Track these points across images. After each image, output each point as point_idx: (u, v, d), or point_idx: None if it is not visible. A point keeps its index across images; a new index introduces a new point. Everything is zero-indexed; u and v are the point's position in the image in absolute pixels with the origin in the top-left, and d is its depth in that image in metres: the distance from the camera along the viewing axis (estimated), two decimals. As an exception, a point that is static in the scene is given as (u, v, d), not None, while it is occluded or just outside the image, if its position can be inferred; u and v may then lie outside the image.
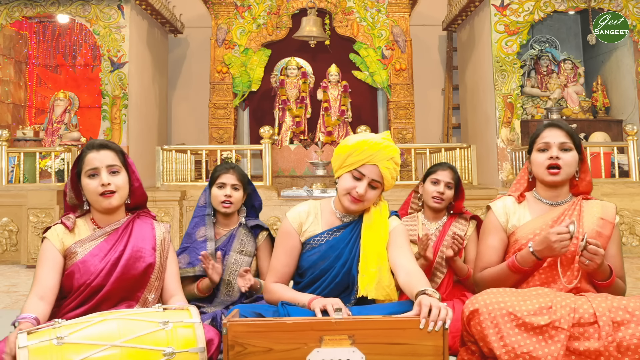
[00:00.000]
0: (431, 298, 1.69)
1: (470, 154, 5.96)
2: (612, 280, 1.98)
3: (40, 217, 5.23)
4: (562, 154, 2.07)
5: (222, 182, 2.58)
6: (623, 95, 7.25)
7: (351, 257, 2.07)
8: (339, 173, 2.08)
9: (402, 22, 7.81)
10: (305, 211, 2.15)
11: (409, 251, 2.05)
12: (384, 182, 2.05)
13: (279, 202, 5.68)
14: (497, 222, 2.15)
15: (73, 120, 7.51)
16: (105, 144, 2.05)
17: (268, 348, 1.66)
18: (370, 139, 2.05)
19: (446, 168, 2.74)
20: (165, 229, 2.15)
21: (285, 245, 2.13)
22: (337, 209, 2.15)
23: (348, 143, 2.07)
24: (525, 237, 2.08)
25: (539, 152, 2.11)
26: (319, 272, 2.09)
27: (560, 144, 2.08)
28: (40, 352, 1.53)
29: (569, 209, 2.10)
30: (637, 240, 5.51)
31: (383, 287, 1.99)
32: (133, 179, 2.09)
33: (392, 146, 2.05)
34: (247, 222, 2.63)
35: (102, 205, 2.00)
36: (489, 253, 2.13)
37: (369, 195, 2.04)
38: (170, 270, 2.11)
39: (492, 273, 2.07)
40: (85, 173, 2.01)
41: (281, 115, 7.72)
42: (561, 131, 2.10)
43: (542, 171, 2.08)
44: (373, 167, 2.02)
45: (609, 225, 2.08)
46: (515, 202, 2.17)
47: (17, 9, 6.86)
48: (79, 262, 1.97)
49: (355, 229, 2.11)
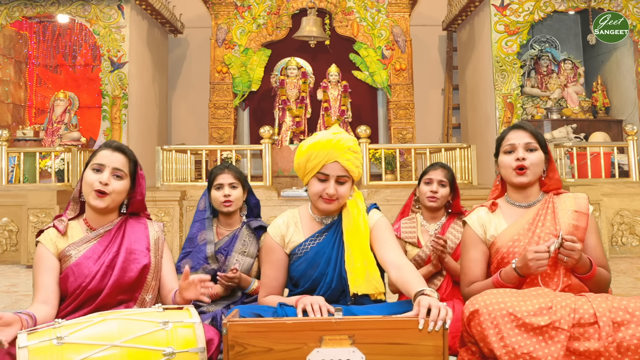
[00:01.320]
0: (430, 298, 1.69)
1: (470, 154, 5.96)
2: (593, 272, 1.99)
3: (40, 217, 5.23)
4: (528, 154, 2.09)
5: (220, 183, 2.59)
6: (623, 95, 7.25)
7: (339, 258, 2.06)
8: (306, 180, 2.07)
9: (402, 22, 7.81)
10: (285, 222, 2.15)
11: (395, 245, 2.05)
12: (351, 174, 2.04)
13: (279, 202, 5.69)
14: (474, 235, 2.16)
15: (73, 120, 7.51)
16: (122, 148, 2.05)
17: (268, 348, 1.66)
18: (320, 138, 2.03)
19: (438, 167, 2.74)
20: (159, 228, 2.14)
21: (270, 261, 2.14)
22: (315, 214, 2.14)
23: (302, 149, 2.06)
24: (505, 245, 2.08)
25: (505, 155, 2.13)
26: (311, 282, 2.08)
27: (525, 145, 2.09)
28: (40, 352, 1.53)
29: (542, 208, 2.11)
30: (637, 240, 5.51)
31: (371, 281, 1.99)
32: (137, 191, 2.09)
33: (344, 138, 2.03)
34: (250, 222, 2.63)
35: (90, 201, 1.99)
36: (473, 266, 2.14)
37: (340, 192, 2.03)
38: (166, 267, 2.10)
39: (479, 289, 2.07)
40: (90, 165, 2.01)
41: (281, 115, 7.72)
42: (525, 132, 2.12)
43: (510, 172, 2.10)
44: (334, 164, 2.00)
45: (584, 216, 2.08)
46: (488, 211, 2.18)
47: (17, 9, 6.86)
48: (72, 265, 1.96)
49: (338, 230, 2.10)
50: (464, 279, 2.17)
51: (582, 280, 2.01)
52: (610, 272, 2.10)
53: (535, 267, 1.89)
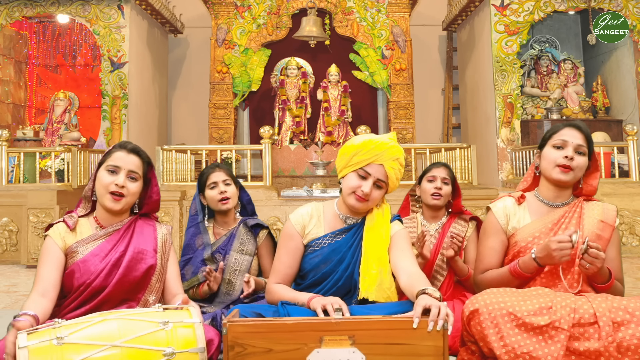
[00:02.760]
0: (431, 298, 1.69)
1: (470, 154, 5.96)
2: (611, 283, 1.98)
3: (40, 217, 5.23)
4: (576, 156, 2.04)
5: (213, 181, 2.60)
6: (623, 95, 7.25)
7: (353, 261, 2.07)
8: (344, 172, 2.08)
9: (402, 22, 7.81)
10: (308, 213, 2.16)
11: (410, 254, 2.06)
12: (389, 182, 2.07)
13: (279, 202, 5.68)
14: (497, 224, 2.14)
15: (73, 120, 7.51)
16: (137, 150, 2.07)
17: (268, 348, 1.66)
18: (377, 138, 2.07)
19: (440, 166, 2.75)
20: (167, 231, 2.16)
21: (287, 247, 2.14)
22: (341, 211, 2.15)
23: (354, 142, 2.08)
24: (524, 240, 2.07)
25: (553, 149, 2.07)
26: (320, 275, 2.09)
27: (577, 146, 2.05)
28: (40, 352, 1.53)
29: (569, 211, 2.09)
30: (637, 240, 5.51)
31: (384, 290, 1.99)
32: (154, 191, 2.12)
33: (397, 147, 2.07)
34: (246, 221, 2.63)
35: (106, 203, 2.01)
36: (490, 255, 2.13)
37: (374, 194, 2.05)
38: (171, 271, 2.11)
39: (493, 276, 2.06)
40: (105, 166, 2.02)
41: (281, 115, 7.72)
42: (581, 133, 2.07)
43: (553, 167, 2.05)
44: (379, 166, 2.03)
45: (609, 228, 2.07)
46: (515, 203, 2.15)
47: (17, 9, 6.86)
48: (79, 262, 1.98)
49: (358, 233, 2.11)
50: (479, 266, 2.16)
51: (599, 290, 1.99)
52: (624, 287, 2.09)
53: (559, 256, 1.87)
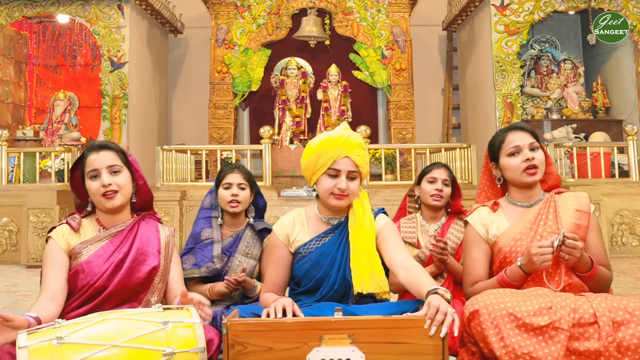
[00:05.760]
0: (442, 300, 1.68)
1: (470, 154, 5.97)
2: (594, 271, 1.99)
3: (40, 217, 5.23)
4: (534, 154, 2.09)
5: (228, 182, 2.56)
6: (623, 95, 7.25)
7: (344, 260, 2.07)
8: (315, 178, 2.08)
9: (402, 22, 7.81)
10: (290, 222, 2.16)
11: (402, 247, 2.06)
12: (360, 169, 2.07)
13: (279, 202, 5.68)
14: (477, 235, 2.16)
15: (73, 120, 7.51)
16: (104, 145, 2.06)
17: (268, 347, 1.66)
18: (331, 135, 2.07)
19: (441, 166, 2.75)
20: (170, 232, 2.16)
21: (273, 258, 2.16)
22: (322, 214, 2.15)
23: (312, 146, 2.08)
24: (507, 245, 2.08)
25: (510, 157, 2.12)
26: (314, 282, 2.09)
27: (529, 145, 2.10)
28: (40, 352, 1.53)
29: (543, 207, 2.11)
30: (637, 240, 5.51)
31: (376, 280, 2.00)
32: (137, 177, 2.10)
33: (354, 134, 2.07)
34: (254, 224, 2.60)
35: (105, 205, 2.01)
36: (476, 266, 2.14)
37: (351, 187, 2.05)
38: (174, 272, 2.12)
39: (483, 288, 2.07)
40: (87, 175, 2.02)
41: (281, 115, 7.72)
42: (526, 132, 2.13)
43: (520, 174, 2.09)
44: (345, 159, 2.03)
45: (585, 215, 2.09)
46: (490, 211, 2.18)
47: (17, 9, 6.86)
48: (83, 263, 1.98)
49: (344, 232, 2.11)
50: (467, 279, 2.17)
51: (583, 279, 2.01)
52: (611, 271, 2.10)
53: (539, 262, 1.89)
